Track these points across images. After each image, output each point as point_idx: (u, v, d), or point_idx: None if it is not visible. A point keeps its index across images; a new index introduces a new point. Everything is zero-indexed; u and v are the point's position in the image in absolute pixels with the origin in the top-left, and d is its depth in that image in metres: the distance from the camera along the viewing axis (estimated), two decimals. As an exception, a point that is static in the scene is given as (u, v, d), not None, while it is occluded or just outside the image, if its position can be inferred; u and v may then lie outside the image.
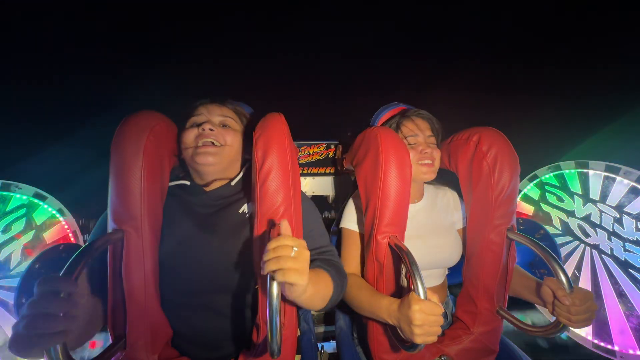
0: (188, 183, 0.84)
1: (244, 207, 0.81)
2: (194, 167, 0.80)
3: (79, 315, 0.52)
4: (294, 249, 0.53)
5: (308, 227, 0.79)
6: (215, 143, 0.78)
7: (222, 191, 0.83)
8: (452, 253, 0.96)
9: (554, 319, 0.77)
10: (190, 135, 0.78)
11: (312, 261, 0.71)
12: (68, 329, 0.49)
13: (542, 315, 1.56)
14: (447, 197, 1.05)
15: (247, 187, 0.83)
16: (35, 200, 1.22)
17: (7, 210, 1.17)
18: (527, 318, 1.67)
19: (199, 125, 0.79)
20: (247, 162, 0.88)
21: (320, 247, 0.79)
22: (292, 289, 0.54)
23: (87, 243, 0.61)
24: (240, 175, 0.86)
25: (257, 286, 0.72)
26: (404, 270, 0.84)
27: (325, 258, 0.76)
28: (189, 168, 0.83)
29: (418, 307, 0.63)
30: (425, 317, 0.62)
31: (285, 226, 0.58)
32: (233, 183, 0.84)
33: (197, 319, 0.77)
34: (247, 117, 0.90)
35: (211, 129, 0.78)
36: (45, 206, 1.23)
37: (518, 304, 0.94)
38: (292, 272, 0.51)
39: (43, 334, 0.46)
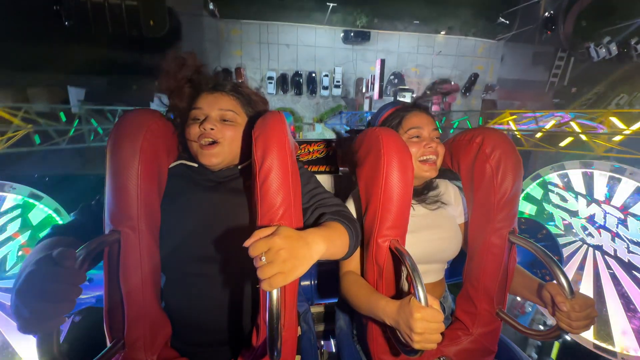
0: (196, 165, 0.86)
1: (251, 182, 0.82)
2: (199, 161, 0.82)
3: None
4: (262, 258, 0.52)
5: (309, 187, 0.83)
6: (216, 140, 0.79)
7: (230, 172, 0.86)
8: (450, 244, 0.95)
9: (555, 322, 0.76)
10: (193, 132, 0.79)
11: (321, 215, 0.76)
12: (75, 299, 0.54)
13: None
14: (449, 191, 1.04)
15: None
16: (31, 200, 1.21)
17: (2, 210, 1.16)
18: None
19: (199, 120, 0.80)
20: None
21: (323, 199, 0.81)
22: (287, 282, 0.53)
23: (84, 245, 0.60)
24: (247, 163, 0.86)
25: (258, 285, 0.72)
26: (404, 273, 0.83)
27: (334, 210, 0.77)
28: (193, 155, 0.84)
29: (420, 315, 0.61)
30: (426, 325, 0.61)
31: (254, 234, 0.55)
32: (240, 167, 0.86)
33: (198, 289, 0.76)
34: (254, 101, 0.88)
35: (212, 128, 0.78)
36: (41, 206, 1.22)
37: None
38: (275, 279, 0.51)
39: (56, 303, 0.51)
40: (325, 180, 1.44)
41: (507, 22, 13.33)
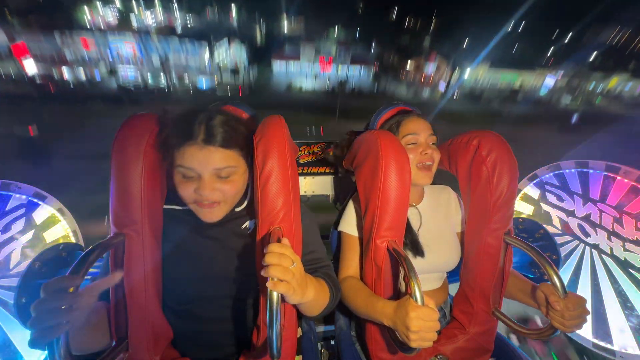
0: (188, 208, 0.77)
1: (247, 224, 0.81)
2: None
3: (82, 308, 0.54)
4: (294, 263, 0.57)
5: (310, 242, 0.82)
6: (217, 201, 0.70)
7: (227, 216, 0.78)
8: (449, 258, 0.96)
9: (548, 322, 0.77)
10: (186, 193, 0.68)
11: (314, 271, 0.79)
12: (72, 320, 0.52)
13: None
14: (449, 200, 1.05)
15: (251, 207, 0.81)
16: (35, 200, 1.22)
17: (6, 210, 1.17)
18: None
19: (191, 178, 0.68)
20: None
21: (320, 259, 0.84)
22: (288, 297, 0.58)
23: (91, 247, 0.62)
24: (245, 204, 0.82)
25: (257, 287, 0.73)
26: (402, 274, 0.84)
27: (325, 272, 0.81)
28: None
29: (415, 314, 0.63)
30: (422, 323, 0.63)
31: (285, 240, 0.61)
32: (238, 209, 0.81)
33: (198, 323, 0.78)
34: (249, 133, 0.74)
35: (210, 193, 0.67)
36: (45, 206, 1.23)
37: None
38: (289, 287, 0.56)
39: (49, 326, 0.50)
40: (325, 181, 1.45)
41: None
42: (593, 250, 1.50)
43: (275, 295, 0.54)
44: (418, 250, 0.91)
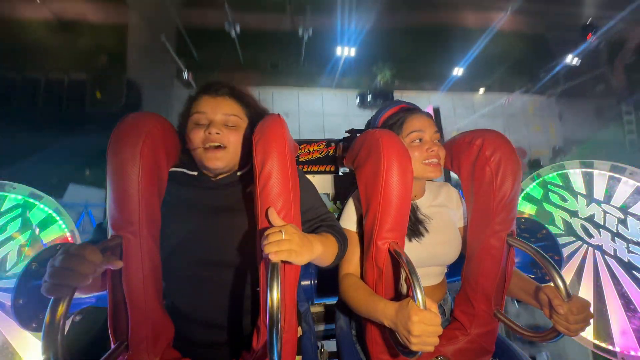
0: (196, 174, 0.86)
1: (250, 187, 0.82)
2: (203, 166, 0.83)
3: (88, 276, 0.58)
4: (282, 232, 0.61)
5: (310, 201, 0.86)
6: (221, 145, 0.80)
7: (229, 179, 0.86)
8: (450, 249, 0.95)
9: (552, 324, 0.76)
10: (196, 137, 0.79)
11: (317, 227, 0.83)
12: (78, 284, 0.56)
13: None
14: (449, 194, 1.04)
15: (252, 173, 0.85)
16: (31, 200, 1.21)
17: (2, 210, 1.16)
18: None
19: (202, 125, 0.80)
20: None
21: (322, 215, 0.87)
22: (295, 260, 0.63)
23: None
24: (246, 169, 0.87)
25: (258, 288, 0.72)
26: (403, 275, 0.83)
27: (328, 224, 0.85)
28: (197, 161, 0.85)
29: (417, 319, 0.62)
30: (424, 328, 0.62)
31: (272, 214, 0.67)
32: (239, 173, 0.87)
33: (197, 290, 0.78)
34: (254, 106, 0.89)
35: (217, 132, 0.78)
36: (42, 206, 1.22)
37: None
38: (287, 253, 0.60)
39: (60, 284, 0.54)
40: (325, 180, 1.44)
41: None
42: (596, 251, 1.48)
43: (275, 296, 0.53)
44: (417, 231, 0.91)
